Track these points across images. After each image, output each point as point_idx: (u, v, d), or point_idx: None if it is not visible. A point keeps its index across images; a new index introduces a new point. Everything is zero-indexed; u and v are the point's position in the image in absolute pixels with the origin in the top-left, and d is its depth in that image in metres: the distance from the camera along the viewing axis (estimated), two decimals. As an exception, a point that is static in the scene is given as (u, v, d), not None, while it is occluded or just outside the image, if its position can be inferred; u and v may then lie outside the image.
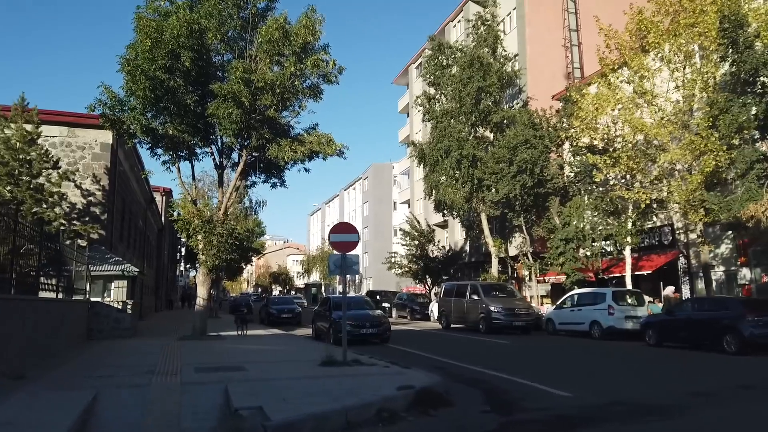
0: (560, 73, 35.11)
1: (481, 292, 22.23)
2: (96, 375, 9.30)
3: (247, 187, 21.28)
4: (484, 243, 37.78)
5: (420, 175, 51.16)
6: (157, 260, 45.72)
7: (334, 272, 11.17)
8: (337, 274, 11.10)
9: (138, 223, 31.86)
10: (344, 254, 11.14)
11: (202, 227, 17.77)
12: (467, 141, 29.57)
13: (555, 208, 26.21)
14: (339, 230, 11.33)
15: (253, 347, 15.33)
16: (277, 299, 32.24)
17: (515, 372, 10.97)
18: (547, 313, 22.51)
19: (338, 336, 17.32)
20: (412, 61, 53.62)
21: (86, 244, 19.49)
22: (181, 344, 15.68)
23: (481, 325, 21.70)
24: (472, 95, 29.10)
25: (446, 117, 30.69)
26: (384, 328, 17.68)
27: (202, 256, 18.00)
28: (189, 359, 11.78)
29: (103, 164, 20.92)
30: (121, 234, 24.68)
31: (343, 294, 11.44)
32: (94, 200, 20.62)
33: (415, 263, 40.19)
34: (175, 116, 16.94)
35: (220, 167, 19.17)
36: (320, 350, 14.09)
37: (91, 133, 20.89)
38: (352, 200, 79.28)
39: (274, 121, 17.50)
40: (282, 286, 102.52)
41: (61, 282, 14.61)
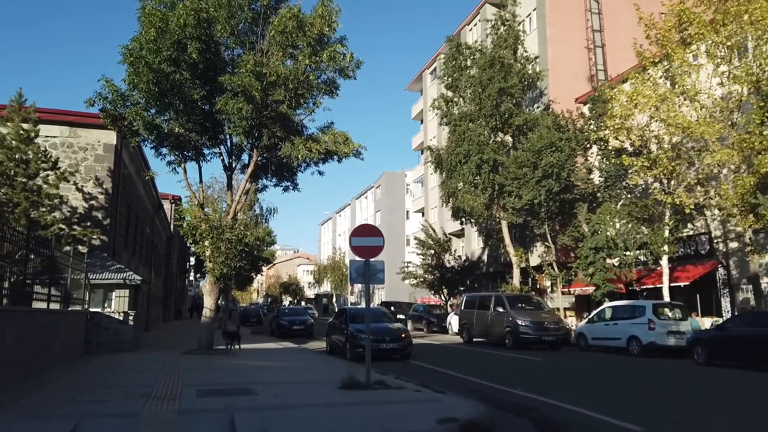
0: (583, 76, 33.71)
1: (507, 305, 20.74)
2: (82, 400, 7.98)
3: (257, 191, 19.98)
4: (504, 252, 36.29)
5: (435, 183, 49.83)
6: (165, 269, 44.61)
7: (355, 280, 9.83)
8: (359, 283, 9.75)
9: (145, 230, 30.74)
10: (367, 260, 9.80)
11: (209, 233, 16.53)
12: (487, 145, 28.21)
13: (583, 215, 24.73)
14: (361, 233, 10.00)
15: (263, 364, 13.97)
16: (288, 310, 30.90)
17: (564, 397, 9.51)
18: (579, 327, 20.96)
19: (356, 351, 15.99)
20: (426, 67, 52.50)
21: (86, 251, 18.32)
22: (185, 359, 14.37)
23: (508, 340, 20.20)
24: (492, 97, 27.78)
25: (465, 120, 29.36)
26: (405, 342, 16.27)
27: (210, 263, 16.73)
28: (192, 378, 10.45)
29: (107, 166, 19.77)
30: (126, 241, 23.51)
31: (366, 305, 10.08)
32: (97, 204, 19.45)
33: (431, 273, 38.71)
34: (181, 113, 15.74)
35: (229, 169, 17.94)
36: (338, 369, 12.72)
37: (94, 133, 19.77)
38: (364, 209, 78.00)
39: (287, 119, 16.25)
40: (292, 297, 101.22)
41: (54, 291, 13.39)
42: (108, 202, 19.62)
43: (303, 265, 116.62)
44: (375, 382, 9.59)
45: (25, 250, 10.45)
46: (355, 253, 9.84)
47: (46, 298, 12.14)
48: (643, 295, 24.40)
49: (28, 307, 11.53)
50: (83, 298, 15.62)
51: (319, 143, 15.86)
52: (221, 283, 17.07)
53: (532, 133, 26.72)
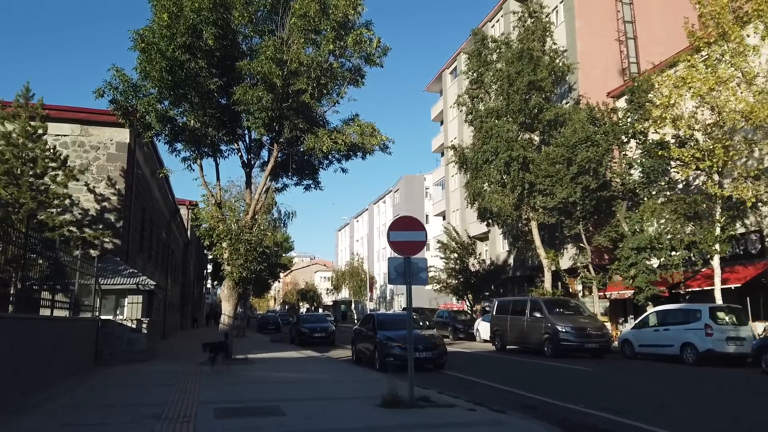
0: (614, 69, 32.17)
1: (545, 309, 19.29)
2: (81, 423, 6.80)
3: (277, 190, 18.90)
4: (531, 255, 34.78)
5: (456, 185, 48.46)
6: (182, 276, 43.72)
7: (395, 281, 8.55)
8: (399, 283, 8.48)
9: (161, 236, 29.80)
10: (408, 257, 8.52)
11: (227, 234, 15.41)
12: (516, 141, 26.80)
13: (622, 213, 23.19)
14: (401, 226, 8.73)
15: (287, 375, 12.73)
16: (309, 316, 29.68)
17: (640, 416, 8.13)
18: (623, 334, 19.42)
19: (386, 360, 14.66)
20: (446, 67, 51.26)
21: (98, 255, 17.29)
22: (202, 371, 13.18)
23: (546, 348, 18.74)
24: (521, 91, 26.40)
25: (491, 117, 28.00)
26: (439, 351, 14.94)
27: (228, 267, 15.59)
28: (209, 394, 9.23)
29: (120, 166, 18.77)
30: (140, 245, 22.51)
31: (408, 308, 8.79)
32: (109, 206, 18.44)
33: (455, 278, 37.27)
34: (196, 106, 14.67)
35: (247, 166, 16.82)
36: (371, 381, 11.44)
37: (106, 131, 18.79)
38: (382, 214, 76.80)
39: (310, 110, 15.11)
40: (310, 304, 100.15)
41: (62, 297, 12.32)
42: (121, 204, 18.61)
43: (320, 271, 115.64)
44: (419, 399, 8.30)
45: (24, 252, 9.34)
46: (393, 249, 8.57)
47: (49, 305, 11.06)
48: (685, 299, 22.78)
49: (34, 314, 10.49)
50: (93, 304, 14.54)
51: (344, 135, 14.65)
52: (240, 288, 15.93)
53: (565, 128, 25.28)
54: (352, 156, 18.23)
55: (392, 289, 70.47)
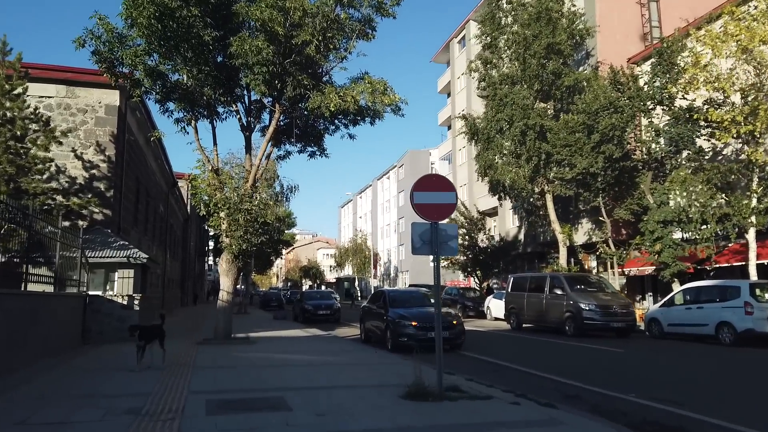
0: (635, 34, 30.42)
1: (567, 286, 18.03)
2: (39, 421, 5.54)
3: (280, 158, 17.47)
4: (544, 231, 33.48)
5: (463, 159, 46.97)
6: (182, 252, 42.56)
7: (419, 250, 7.22)
8: (423, 253, 7.16)
9: (158, 209, 28.48)
10: (434, 222, 7.18)
11: (225, 203, 14.07)
12: (532, 109, 25.26)
13: (647, 183, 21.77)
14: (427, 186, 7.37)
15: (292, 357, 11.50)
16: (313, 293, 28.53)
17: (709, 409, 6.88)
18: (650, 312, 18.16)
19: (399, 341, 13.46)
20: (454, 35, 49.33)
21: (85, 226, 16.00)
22: (197, 351, 11.98)
23: (568, 327, 17.53)
24: (539, 54, 24.78)
25: (506, 83, 26.41)
26: (457, 331, 13.69)
27: (226, 239, 14.28)
28: (202, 381, 7.99)
29: (109, 130, 17.36)
30: (135, 218, 21.21)
31: (435, 285, 7.46)
32: (98, 174, 17.09)
33: (463, 254, 35.98)
34: (189, 61, 13.18)
35: (247, 129, 15.39)
36: (386, 364, 10.22)
37: (94, 93, 17.35)
38: (386, 190, 75.37)
39: (315, 65, 13.64)
40: (312, 281, 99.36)
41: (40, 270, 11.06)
42: (111, 171, 17.25)
43: (323, 248, 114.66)
44: (448, 389, 7.05)
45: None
46: (418, 213, 7.23)
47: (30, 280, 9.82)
48: (710, 275, 21.50)
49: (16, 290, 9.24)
50: (79, 279, 13.28)
51: (354, 92, 13.18)
52: (240, 262, 14.64)
53: (585, 94, 23.72)
54: (360, 121, 16.86)
55: (396, 265, 69.39)
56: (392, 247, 71.70)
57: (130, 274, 14.83)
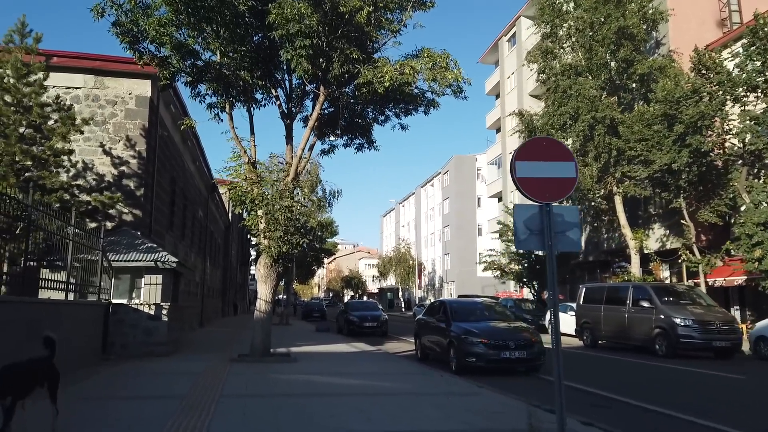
0: (710, 20, 27.53)
1: (656, 298, 15.46)
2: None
3: (324, 152, 15.63)
4: (607, 237, 30.69)
5: (514, 163, 44.43)
6: (224, 260, 41.43)
7: (525, 243, 5.13)
8: (530, 248, 5.09)
9: (197, 214, 27.18)
10: (546, 204, 5.07)
11: (263, 199, 12.28)
12: (601, 101, 22.77)
13: (742, 181, 18.96)
14: (534, 154, 5.27)
15: (339, 381, 9.46)
16: (358, 304, 26.58)
17: None
18: (757, 329, 15.36)
19: (466, 362, 11.26)
20: (503, 34, 47.01)
21: (112, 227, 14.51)
22: (230, 370, 10.12)
23: (658, 345, 14.95)
24: (608, 40, 22.31)
25: (570, 74, 24.00)
26: (537, 351, 11.39)
27: (264, 240, 12.47)
28: (228, 417, 6.06)
29: (140, 123, 15.93)
30: (170, 221, 19.76)
31: (552, 289, 5.32)
32: (128, 170, 15.64)
33: (518, 263, 33.43)
34: (223, 37, 11.48)
35: (288, 116, 13.61)
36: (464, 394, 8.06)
37: (124, 83, 15.96)
38: (430, 198, 73.14)
39: (366, 37, 11.72)
40: (354, 291, 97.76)
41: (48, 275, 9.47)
42: (142, 168, 15.77)
43: (364, 258, 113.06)
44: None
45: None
46: (523, 191, 5.13)
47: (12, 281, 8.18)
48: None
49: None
50: (99, 285, 11.68)
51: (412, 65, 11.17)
52: (279, 267, 12.81)
53: (664, 81, 21.09)
54: (413, 111, 14.96)
55: (441, 275, 66.91)
56: (437, 257, 69.30)
57: (159, 280, 13.19)
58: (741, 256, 18.79)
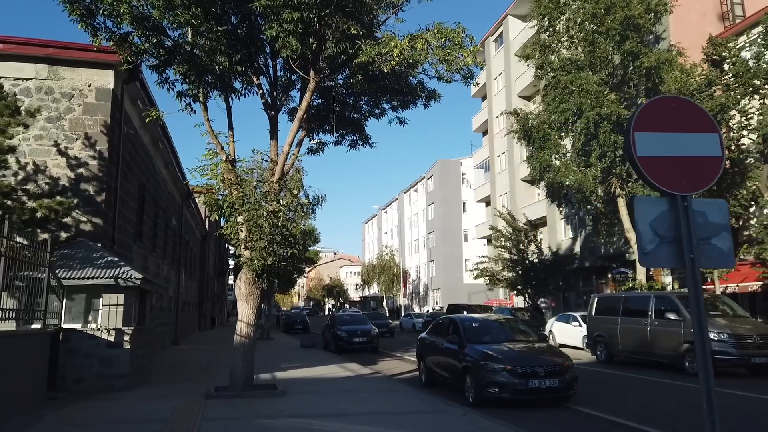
0: (711, 13, 26.51)
1: (683, 310, 13.92)
2: None
3: (312, 151, 13.85)
4: (604, 243, 29.34)
5: (503, 166, 43.01)
6: (200, 271, 39.18)
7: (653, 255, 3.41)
8: (661, 264, 3.35)
9: (170, 223, 25.05)
10: (683, 196, 3.36)
11: (244, 203, 10.44)
12: (605, 96, 21.36)
13: (764, 179, 17.64)
14: (662, 122, 3.56)
15: (345, 427, 7.61)
16: (347, 317, 24.65)
17: None
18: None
19: (487, 393, 9.48)
20: (489, 34, 45.76)
21: (66, 238, 12.48)
22: (203, 416, 8.21)
23: (689, 362, 13.41)
24: (614, 31, 20.93)
25: (570, 68, 22.54)
26: (569, 378, 9.68)
27: (246, 251, 10.62)
28: None
29: (101, 119, 13.91)
30: (138, 231, 17.70)
31: (695, 305, 3.57)
32: (87, 173, 13.59)
33: (512, 270, 31.90)
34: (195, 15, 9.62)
35: (272, 107, 11.79)
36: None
37: (83, 74, 13.94)
38: (414, 203, 71.56)
39: (365, 9, 9.98)
40: (336, 300, 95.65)
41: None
42: (103, 171, 13.73)
43: (346, 266, 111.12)
44: None
45: None
46: (646, 175, 3.43)
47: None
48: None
49: None
50: (44, 308, 9.67)
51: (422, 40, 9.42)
52: (264, 283, 10.94)
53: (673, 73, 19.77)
54: (412, 103, 13.43)
55: (426, 283, 65.24)
56: (421, 264, 67.66)
57: (120, 300, 11.19)
58: (752, 260, 17.46)
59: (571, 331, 21.55)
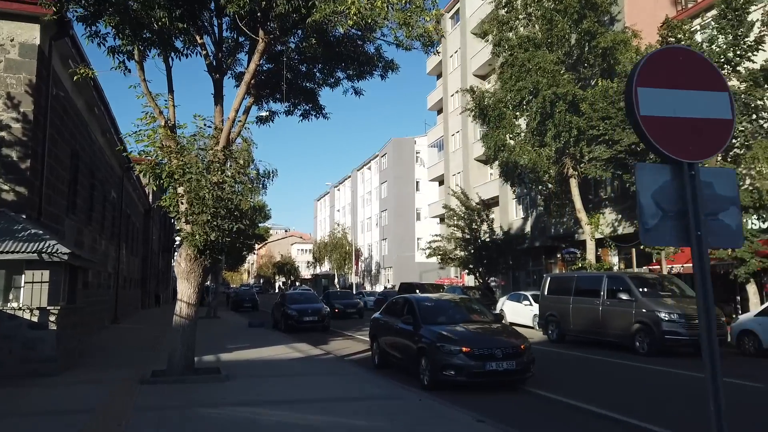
0: None
1: (635, 290, 13.98)
2: None
3: (261, 120, 13.02)
4: (555, 223, 29.65)
5: (457, 145, 42.85)
6: (143, 247, 37.47)
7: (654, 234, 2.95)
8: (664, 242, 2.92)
9: (109, 195, 23.54)
10: (689, 164, 2.90)
11: (185, 172, 9.57)
12: (562, 75, 21.22)
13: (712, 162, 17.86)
14: (668, 77, 3.07)
15: (288, 416, 7.03)
16: (297, 295, 23.98)
17: None
18: (740, 323, 14.23)
19: (442, 376, 9.08)
20: (446, 10, 45.06)
21: (-17, 208, 11.26)
22: (135, 404, 7.47)
23: (639, 342, 13.52)
24: (572, 8, 20.73)
25: (528, 46, 22.26)
26: (526, 360, 9.41)
27: (186, 225, 9.79)
28: None
29: (25, 78, 12.56)
30: (71, 202, 16.38)
31: (704, 291, 3.19)
32: (9, 137, 12.29)
33: (465, 249, 31.87)
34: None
35: (216, 69, 10.86)
36: None
37: (3, 27, 12.51)
38: (367, 181, 70.93)
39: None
40: (287, 277, 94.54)
41: None
42: (28, 135, 12.45)
43: (297, 243, 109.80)
44: None
45: None
46: (650, 138, 2.95)
47: None
48: None
49: None
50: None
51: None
52: (207, 260, 10.14)
53: (629, 55, 19.79)
54: (367, 74, 12.84)
55: (378, 261, 65.09)
56: (374, 242, 67.38)
57: (45, 277, 10.17)
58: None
59: (522, 310, 21.65)
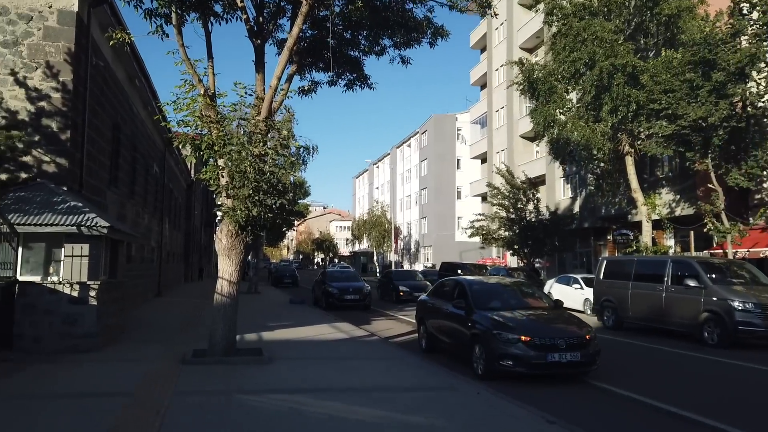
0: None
1: (704, 276, 12.89)
2: None
3: (303, 91, 12.34)
4: (607, 203, 28.24)
5: (502, 122, 41.43)
6: (186, 222, 37.80)
7: None
8: None
9: (152, 169, 23.49)
10: None
11: (225, 144, 9.03)
12: (621, 45, 19.81)
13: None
14: None
15: (340, 408, 6.46)
16: (338, 273, 23.57)
17: None
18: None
19: (499, 366, 8.33)
20: (493, -20, 43.20)
21: (24, 179, 11.03)
22: (177, 384, 7.06)
23: (707, 333, 12.47)
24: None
25: (583, 14, 20.85)
26: (592, 352, 8.62)
27: (228, 200, 9.29)
28: None
29: (64, 46, 12.25)
30: (113, 175, 16.23)
31: None
32: (49, 107, 12.04)
33: (510, 229, 30.77)
34: None
35: (258, 35, 10.23)
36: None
37: (43, -8, 12.19)
38: (407, 159, 69.98)
39: None
40: (325, 254, 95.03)
41: None
42: (68, 105, 12.16)
43: (336, 221, 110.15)
44: None
45: None
46: None
47: None
48: None
49: None
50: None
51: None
52: (248, 236, 9.64)
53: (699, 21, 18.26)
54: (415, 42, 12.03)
55: (417, 240, 64.45)
56: (413, 220, 66.69)
57: (85, 251, 9.90)
58: (763, 224, 16.46)
59: (572, 293, 20.64)
